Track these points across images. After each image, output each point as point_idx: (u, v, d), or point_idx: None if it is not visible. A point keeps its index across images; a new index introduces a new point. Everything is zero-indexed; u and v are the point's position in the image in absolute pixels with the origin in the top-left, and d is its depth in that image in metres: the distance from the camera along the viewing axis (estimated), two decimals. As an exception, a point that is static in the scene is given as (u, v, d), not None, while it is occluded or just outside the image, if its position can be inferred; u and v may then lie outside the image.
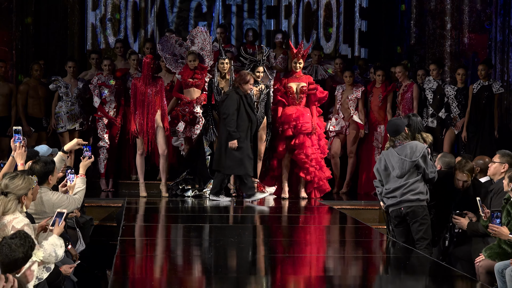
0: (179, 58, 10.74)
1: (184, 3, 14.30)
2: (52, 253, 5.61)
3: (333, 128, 11.40)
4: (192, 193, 10.40)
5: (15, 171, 5.76)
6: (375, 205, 10.12)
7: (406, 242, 7.56)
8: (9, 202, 5.43)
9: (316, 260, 6.85)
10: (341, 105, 11.41)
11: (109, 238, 9.12)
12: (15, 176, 5.54)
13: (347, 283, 5.89)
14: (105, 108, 10.91)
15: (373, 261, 6.91)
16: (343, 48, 14.36)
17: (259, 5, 14.46)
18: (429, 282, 6.04)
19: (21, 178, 5.53)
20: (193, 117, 10.57)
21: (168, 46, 10.77)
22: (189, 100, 10.56)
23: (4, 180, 5.50)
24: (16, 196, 5.49)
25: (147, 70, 10.35)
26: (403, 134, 7.75)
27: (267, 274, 6.25)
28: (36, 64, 11.30)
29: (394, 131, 7.75)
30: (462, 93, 11.21)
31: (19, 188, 5.50)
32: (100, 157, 10.96)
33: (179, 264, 6.48)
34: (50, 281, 5.68)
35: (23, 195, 5.54)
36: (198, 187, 10.46)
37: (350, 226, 8.63)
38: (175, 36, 11.08)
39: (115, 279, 5.63)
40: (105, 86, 10.89)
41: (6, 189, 5.47)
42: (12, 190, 5.47)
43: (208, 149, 10.48)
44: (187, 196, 10.38)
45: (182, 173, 10.64)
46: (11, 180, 5.50)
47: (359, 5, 14.36)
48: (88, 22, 13.91)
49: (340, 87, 11.43)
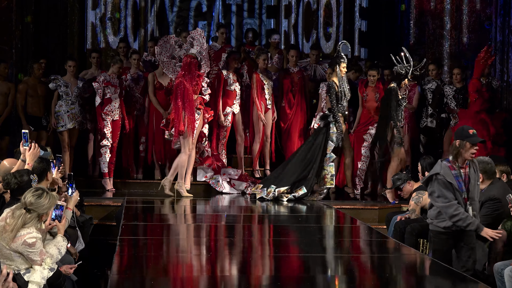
0: (177, 61, 10.68)
1: (184, 2, 14.31)
2: (58, 255, 5.74)
3: (317, 126, 11.37)
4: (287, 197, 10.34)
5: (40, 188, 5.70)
6: (375, 205, 10.13)
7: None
8: (29, 218, 5.50)
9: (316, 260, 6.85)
10: (326, 103, 11.36)
11: (109, 237, 9.11)
12: (41, 195, 5.54)
13: (347, 283, 5.89)
14: (106, 108, 10.87)
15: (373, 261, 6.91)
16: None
17: (259, 5, 14.47)
18: (429, 282, 6.05)
19: (47, 198, 5.55)
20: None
21: (167, 48, 10.72)
22: None
23: (30, 197, 5.51)
24: (38, 214, 5.55)
25: (194, 70, 10.36)
26: None
27: (266, 274, 6.25)
28: (37, 63, 11.29)
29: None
30: (461, 92, 11.22)
31: (44, 208, 5.56)
32: (103, 157, 10.94)
33: (179, 264, 6.48)
34: (50, 282, 5.70)
35: (44, 214, 5.60)
36: (289, 190, 10.36)
37: (350, 226, 8.63)
38: (174, 36, 11.05)
39: (115, 278, 5.63)
40: (110, 85, 10.87)
41: (30, 206, 5.51)
42: (36, 209, 5.53)
43: (332, 155, 10.37)
44: (283, 200, 10.28)
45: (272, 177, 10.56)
46: (37, 199, 5.52)
47: (359, 5, 14.37)
48: (88, 21, 13.92)
49: (324, 85, 11.39)
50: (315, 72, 12.20)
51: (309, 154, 10.37)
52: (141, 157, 11.41)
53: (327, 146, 10.35)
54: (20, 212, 5.49)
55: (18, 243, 5.45)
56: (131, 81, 11.21)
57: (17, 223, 5.44)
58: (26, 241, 5.45)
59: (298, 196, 10.29)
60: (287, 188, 10.30)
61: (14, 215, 5.49)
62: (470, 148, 6.61)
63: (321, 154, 10.35)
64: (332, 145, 10.36)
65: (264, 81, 11.28)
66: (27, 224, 5.50)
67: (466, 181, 6.69)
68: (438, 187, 6.65)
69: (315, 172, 10.32)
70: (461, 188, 6.68)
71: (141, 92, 11.25)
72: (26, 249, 5.48)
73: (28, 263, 5.57)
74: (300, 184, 10.34)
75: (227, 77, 11.05)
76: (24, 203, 5.50)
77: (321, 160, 10.35)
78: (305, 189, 10.30)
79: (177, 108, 10.28)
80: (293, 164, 10.46)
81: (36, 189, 5.60)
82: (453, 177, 6.63)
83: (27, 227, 5.50)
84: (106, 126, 10.87)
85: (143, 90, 11.25)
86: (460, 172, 6.67)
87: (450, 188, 6.62)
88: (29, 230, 5.50)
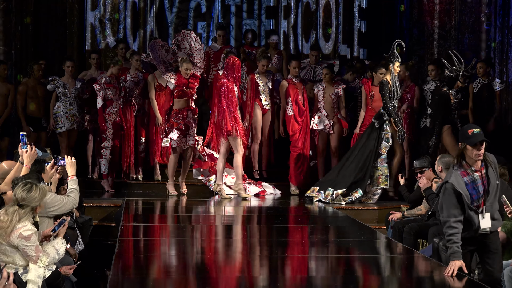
0: (168, 65, 10.68)
1: (183, 3, 14.30)
2: (56, 256, 5.75)
3: (316, 127, 11.36)
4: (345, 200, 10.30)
5: (27, 180, 5.78)
6: (374, 206, 10.13)
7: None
8: (24, 213, 5.59)
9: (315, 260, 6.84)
10: (324, 103, 11.34)
11: (108, 238, 9.11)
12: (30, 189, 5.63)
13: (347, 283, 5.89)
14: (108, 109, 10.87)
15: (372, 261, 6.91)
16: (342, 48, 14.37)
17: (258, 5, 14.47)
18: (429, 282, 6.04)
19: (37, 191, 5.64)
20: (186, 126, 10.55)
21: (157, 52, 10.71)
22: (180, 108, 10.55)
23: (20, 193, 5.61)
24: (31, 208, 5.64)
25: (238, 72, 10.47)
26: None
27: (265, 274, 6.25)
28: (37, 64, 11.29)
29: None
30: (462, 92, 11.23)
31: (36, 201, 5.65)
32: (103, 158, 10.95)
33: (178, 264, 6.48)
34: (49, 282, 5.71)
35: (37, 206, 5.67)
36: (346, 192, 10.31)
37: (349, 226, 8.63)
38: (161, 41, 11.02)
39: (114, 279, 5.63)
40: (112, 87, 10.86)
41: (23, 201, 5.60)
42: (29, 203, 5.61)
43: (386, 155, 10.33)
44: (341, 203, 10.22)
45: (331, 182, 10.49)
46: (28, 193, 5.60)
47: (359, 6, 14.37)
48: (87, 22, 13.91)
49: (320, 85, 11.36)
50: (315, 73, 12.19)
51: (363, 155, 10.32)
52: (140, 158, 11.40)
53: (381, 146, 10.34)
54: (13, 208, 5.58)
55: (14, 236, 5.52)
56: (130, 82, 11.21)
57: (12, 219, 5.53)
58: (22, 234, 5.52)
59: (355, 199, 10.26)
60: (344, 190, 10.25)
61: (7, 212, 5.58)
62: (472, 150, 6.10)
63: (375, 154, 10.33)
64: (386, 145, 10.33)
65: (260, 82, 11.27)
66: (22, 219, 5.58)
67: (485, 184, 6.19)
68: (444, 198, 6.15)
69: (369, 173, 10.27)
70: (476, 195, 6.17)
71: (141, 93, 11.25)
72: (22, 243, 5.54)
73: (25, 259, 5.59)
74: (356, 186, 10.29)
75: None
76: (16, 199, 5.60)
77: (375, 161, 10.34)
78: (361, 191, 10.26)
79: (222, 110, 10.37)
80: (348, 166, 10.41)
81: (24, 184, 5.68)
82: (465, 185, 6.13)
83: (23, 221, 5.58)
84: (108, 128, 10.87)
85: (142, 91, 11.25)
86: (475, 177, 6.16)
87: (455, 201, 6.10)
88: (25, 224, 5.57)
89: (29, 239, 5.53)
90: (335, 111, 11.35)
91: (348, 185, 10.26)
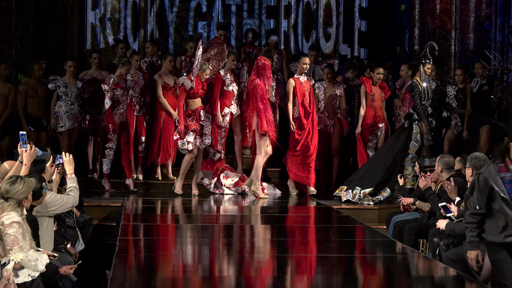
0: None
1: (184, 2, 14.32)
2: (32, 262, 5.59)
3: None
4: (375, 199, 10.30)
5: (14, 175, 5.79)
6: (375, 206, 10.12)
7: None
8: (8, 206, 5.56)
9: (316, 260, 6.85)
10: (325, 103, 11.33)
11: (108, 238, 9.12)
12: (15, 181, 5.63)
13: (347, 283, 5.89)
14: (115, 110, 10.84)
15: (373, 261, 6.91)
16: (342, 48, 14.38)
17: (259, 5, 14.48)
18: (429, 282, 6.05)
19: (21, 183, 5.63)
20: (201, 126, 10.56)
21: (208, 51, 10.82)
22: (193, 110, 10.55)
23: (4, 186, 5.61)
24: (17, 201, 5.60)
25: (270, 72, 10.51)
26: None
27: (267, 274, 6.25)
28: (37, 64, 11.29)
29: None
30: (462, 93, 11.23)
31: (20, 193, 5.61)
32: (107, 158, 10.94)
33: (178, 264, 6.48)
34: (46, 280, 5.70)
35: (23, 199, 5.63)
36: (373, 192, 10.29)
37: (349, 226, 8.64)
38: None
39: (114, 279, 5.63)
40: (120, 87, 10.84)
41: (7, 194, 5.58)
42: (13, 195, 5.59)
43: (415, 155, 10.27)
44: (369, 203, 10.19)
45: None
46: (12, 186, 5.60)
47: (359, 5, 14.38)
48: (88, 22, 13.92)
49: (320, 85, 11.36)
50: (314, 73, 12.19)
51: (391, 155, 10.33)
52: (140, 158, 11.39)
53: (410, 146, 10.34)
54: None
55: None
56: (131, 82, 11.20)
57: None
58: (4, 222, 5.48)
59: (384, 198, 10.26)
60: (372, 190, 10.24)
61: None
62: None
63: (403, 154, 10.33)
64: (415, 145, 10.33)
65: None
66: (6, 210, 5.54)
67: None
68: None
69: (396, 173, 10.22)
70: None
71: (141, 92, 11.24)
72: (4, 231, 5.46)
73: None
74: (384, 186, 10.30)
75: (224, 77, 11.03)
76: (0, 192, 5.58)
77: (403, 160, 10.34)
78: (389, 190, 10.27)
79: (258, 110, 10.42)
80: (375, 165, 10.42)
81: (10, 177, 5.70)
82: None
83: (8, 213, 5.54)
84: (116, 128, 10.85)
85: (143, 91, 11.24)
86: None
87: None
88: (9, 214, 5.54)
89: (10, 226, 5.47)
90: (335, 111, 11.34)
91: (375, 184, 10.27)
